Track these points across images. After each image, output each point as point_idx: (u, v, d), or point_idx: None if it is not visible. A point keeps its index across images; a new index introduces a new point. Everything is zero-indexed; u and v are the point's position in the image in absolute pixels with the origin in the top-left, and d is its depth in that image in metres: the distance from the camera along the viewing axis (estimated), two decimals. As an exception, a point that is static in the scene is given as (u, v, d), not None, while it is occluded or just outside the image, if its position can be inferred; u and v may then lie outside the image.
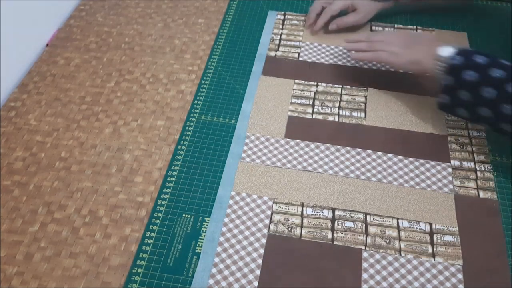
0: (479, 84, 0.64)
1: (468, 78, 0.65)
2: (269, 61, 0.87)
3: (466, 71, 0.66)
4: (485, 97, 0.64)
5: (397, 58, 0.75)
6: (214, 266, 0.60)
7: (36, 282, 0.59)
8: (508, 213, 0.66)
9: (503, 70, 0.64)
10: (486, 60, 0.66)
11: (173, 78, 0.85)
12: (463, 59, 0.67)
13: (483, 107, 0.65)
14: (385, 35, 0.80)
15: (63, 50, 0.90)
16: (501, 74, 0.63)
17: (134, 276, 0.60)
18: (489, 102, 0.64)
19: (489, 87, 0.64)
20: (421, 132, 0.75)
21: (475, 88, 0.65)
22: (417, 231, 0.64)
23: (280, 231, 0.64)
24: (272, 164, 0.71)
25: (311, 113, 0.78)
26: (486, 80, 0.64)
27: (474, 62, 0.66)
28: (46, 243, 0.63)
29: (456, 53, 0.68)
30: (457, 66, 0.67)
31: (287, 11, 0.98)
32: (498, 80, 0.63)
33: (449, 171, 0.70)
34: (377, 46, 0.78)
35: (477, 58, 0.66)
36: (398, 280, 0.59)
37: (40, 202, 0.67)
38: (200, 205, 0.67)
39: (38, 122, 0.77)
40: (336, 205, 0.66)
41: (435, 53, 0.69)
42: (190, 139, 0.75)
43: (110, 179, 0.70)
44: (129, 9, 0.99)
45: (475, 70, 0.65)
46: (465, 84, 0.66)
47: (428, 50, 0.71)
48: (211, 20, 0.96)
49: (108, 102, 0.81)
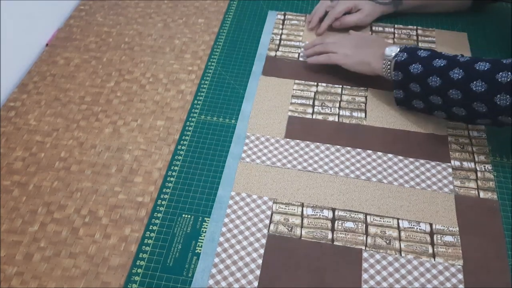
0: (425, 75, 0.69)
1: (414, 71, 0.70)
2: (269, 61, 0.87)
3: (412, 65, 0.70)
4: (431, 85, 0.69)
5: (348, 59, 0.80)
6: (214, 266, 0.60)
7: (36, 282, 0.59)
8: (508, 213, 0.66)
9: (444, 59, 0.69)
10: (428, 53, 0.71)
11: (173, 78, 0.85)
12: (407, 55, 0.72)
13: (433, 95, 0.70)
14: (339, 37, 0.84)
15: (63, 50, 0.90)
16: (442, 63, 0.68)
17: (134, 276, 0.60)
18: (436, 89, 0.69)
19: (433, 76, 0.68)
20: (421, 132, 0.75)
21: (422, 79, 0.70)
22: (417, 231, 0.64)
23: (280, 231, 0.64)
24: (272, 164, 0.71)
25: (311, 113, 0.78)
26: (430, 70, 0.69)
27: (418, 56, 0.71)
28: (46, 243, 0.63)
29: (401, 50, 0.73)
30: (403, 62, 0.72)
31: (287, 11, 0.98)
32: (441, 69, 0.68)
33: (449, 171, 0.70)
34: (330, 47, 0.83)
35: (420, 52, 0.72)
36: (398, 280, 0.59)
37: (40, 202, 0.67)
38: (200, 205, 0.67)
39: (38, 122, 0.77)
40: (336, 205, 0.66)
41: (382, 54, 0.75)
42: (190, 139, 0.75)
43: (110, 179, 0.70)
44: (129, 9, 0.99)
45: (420, 63, 0.70)
46: (413, 77, 0.71)
47: (376, 51, 0.77)
48: (211, 20, 0.96)
49: (108, 102, 0.81)
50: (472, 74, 0.65)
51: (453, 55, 0.69)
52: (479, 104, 0.65)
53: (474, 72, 0.65)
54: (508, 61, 0.64)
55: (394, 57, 0.73)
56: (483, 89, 0.64)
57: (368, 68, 0.78)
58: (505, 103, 0.63)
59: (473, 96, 0.65)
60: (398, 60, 0.72)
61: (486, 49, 0.89)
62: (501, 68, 0.63)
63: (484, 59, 0.66)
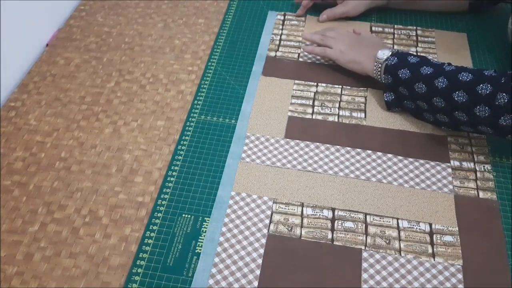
0: (412, 81, 0.71)
1: (402, 76, 0.72)
2: (269, 61, 0.87)
3: (401, 70, 0.72)
4: (417, 92, 0.71)
5: (342, 56, 0.82)
6: (214, 266, 0.60)
7: (36, 282, 0.59)
8: (508, 213, 0.66)
9: (432, 67, 0.70)
10: (418, 59, 0.73)
11: (173, 78, 0.85)
12: (397, 59, 0.74)
13: (419, 100, 0.72)
14: (340, 33, 0.85)
15: (63, 50, 0.90)
16: (429, 71, 0.70)
17: (134, 276, 0.60)
18: (421, 96, 0.71)
19: (419, 83, 0.70)
20: (420, 132, 0.75)
21: (409, 85, 0.72)
22: (417, 231, 0.64)
23: (280, 231, 0.64)
24: (272, 164, 0.71)
25: (311, 113, 0.78)
26: (417, 76, 0.71)
27: (407, 61, 0.73)
28: (46, 243, 0.63)
29: (391, 54, 0.75)
30: (392, 66, 0.74)
31: (287, 11, 0.98)
32: (427, 76, 0.70)
33: (449, 171, 0.70)
34: (328, 41, 0.84)
35: (410, 58, 0.73)
36: (398, 280, 0.59)
37: (40, 202, 0.67)
38: (200, 205, 0.67)
39: (38, 122, 0.77)
40: (336, 205, 0.67)
41: (375, 56, 0.77)
42: (190, 139, 0.75)
43: (110, 179, 0.70)
44: (129, 9, 0.99)
45: (408, 68, 0.72)
46: (401, 81, 0.73)
47: (370, 52, 0.78)
48: (211, 20, 0.96)
49: (108, 102, 0.81)
50: (455, 84, 0.67)
51: (440, 63, 0.71)
52: (460, 113, 0.67)
53: (457, 82, 0.67)
54: (490, 72, 0.66)
55: (385, 60, 0.75)
56: (464, 99, 0.66)
57: (359, 67, 0.80)
58: (484, 114, 0.65)
59: (455, 106, 0.67)
60: (388, 64, 0.74)
61: (486, 49, 0.89)
62: (483, 80, 0.65)
63: (468, 69, 0.68)
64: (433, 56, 0.87)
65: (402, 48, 0.89)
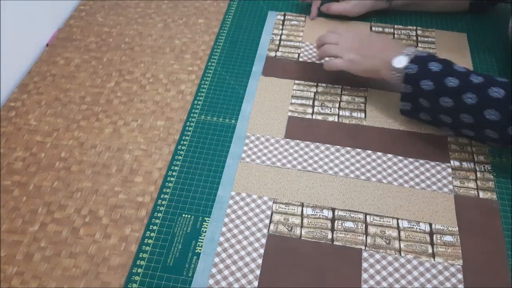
0: (436, 94, 0.66)
1: (425, 88, 0.67)
2: (269, 62, 0.87)
3: (422, 80, 0.67)
4: (442, 106, 0.66)
5: (354, 65, 0.76)
6: (214, 266, 0.60)
7: (36, 282, 0.59)
8: (508, 213, 0.66)
9: (457, 78, 0.65)
10: (440, 67, 0.67)
11: (173, 78, 0.85)
12: (417, 68, 0.68)
13: (442, 114, 0.67)
14: (340, 38, 0.78)
15: (63, 50, 0.90)
16: (455, 83, 0.65)
17: (134, 276, 0.60)
18: (447, 110, 0.66)
19: (445, 97, 0.65)
20: (420, 132, 0.75)
21: (432, 97, 0.67)
22: (417, 231, 0.64)
23: (280, 231, 0.64)
24: (272, 164, 0.71)
25: (311, 113, 0.78)
26: (442, 90, 0.65)
27: (429, 70, 0.67)
28: (46, 243, 0.63)
29: (410, 61, 0.68)
30: (413, 76, 0.68)
31: (287, 12, 0.98)
32: (453, 90, 0.65)
33: (449, 171, 0.70)
34: (333, 51, 0.78)
35: (431, 65, 0.67)
36: (398, 280, 0.59)
37: (40, 202, 0.67)
38: (200, 205, 0.67)
39: (38, 122, 0.77)
40: (336, 205, 0.67)
41: (390, 62, 0.70)
42: (190, 139, 0.75)
43: (110, 179, 0.70)
44: (129, 9, 0.99)
45: (431, 79, 0.66)
46: (423, 93, 0.67)
47: (384, 59, 0.72)
48: (211, 20, 0.96)
49: (108, 102, 0.81)
50: (485, 101, 0.63)
51: (465, 72, 0.66)
52: (490, 131, 0.64)
53: (488, 99, 0.62)
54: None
55: (404, 68, 0.69)
56: (496, 117, 0.62)
57: (376, 75, 0.74)
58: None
59: (486, 123, 0.63)
60: (408, 73, 0.68)
61: (486, 49, 0.89)
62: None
63: (497, 82, 0.63)
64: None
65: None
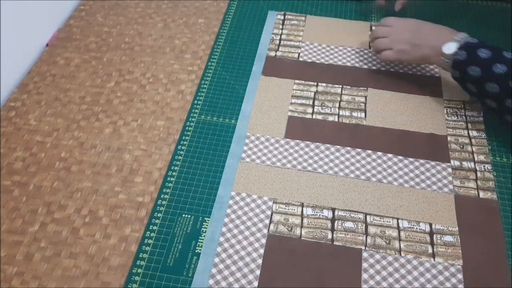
0: (483, 80, 0.68)
1: (472, 74, 0.69)
2: (269, 61, 0.87)
3: (470, 66, 0.69)
4: (488, 91, 0.68)
5: (405, 55, 0.78)
6: (214, 266, 0.60)
7: (36, 282, 0.59)
8: (508, 213, 0.66)
9: (505, 64, 0.67)
10: (489, 54, 0.69)
11: (173, 78, 0.85)
12: (466, 54, 0.70)
13: (488, 99, 0.70)
14: (391, 30, 0.80)
15: (63, 50, 0.90)
16: (503, 69, 0.67)
17: (134, 276, 0.60)
18: (493, 95, 0.68)
19: (492, 83, 0.67)
20: (421, 132, 0.75)
21: (479, 83, 0.69)
22: (417, 231, 0.64)
23: (280, 231, 0.64)
24: (272, 164, 0.71)
25: (311, 113, 0.78)
26: (489, 75, 0.67)
27: (478, 57, 0.69)
28: (46, 243, 0.63)
29: (460, 48, 0.71)
30: (461, 62, 0.70)
31: (287, 11, 0.98)
32: (500, 76, 0.66)
33: (449, 171, 0.70)
34: (384, 43, 0.80)
35: (480, 52, 0.69)
36: (398, 280, 0.59)
37: (40, 202, 0.67)
38: (200, 205, 0.67)
39: (38, 122, 0.77)
40: (336, 205, 0.66)
41: (440, 50, 0.73)
42: (190, 139, 0.75)
43: (110, 179, 0.70)
44: (129, 9, 0.99)
45: (479, 65, 0.68)
46: (470, 79, 0.70)
47: (434, 46, 0.74)
48: (211, 20, 0.96)
49: (108, 102, 0.81)
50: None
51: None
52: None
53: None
54: None
55: (453, 55, 0.71)
56: None
57: (427, 62, 0.77)
58: None
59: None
60: (456, 59, 0.71)
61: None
62: None
63: None
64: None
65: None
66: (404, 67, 0.85)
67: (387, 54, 0.80)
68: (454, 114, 0.78)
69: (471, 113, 0.78)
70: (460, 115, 0.78)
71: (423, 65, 0.85)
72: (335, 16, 0.96)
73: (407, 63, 0.83)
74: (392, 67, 0.85)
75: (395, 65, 0.85)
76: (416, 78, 0.83)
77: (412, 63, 0.82)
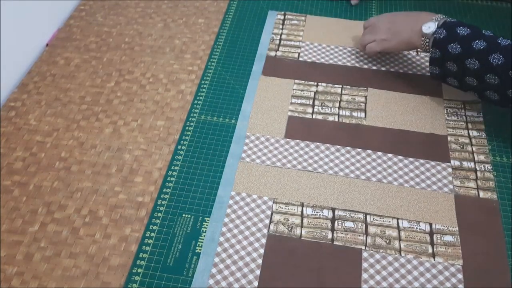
0: (463, 57, 0.68)
1: (453, 51, 0.69)
2: (269, 61, 0.87)
3: (450, 44, 0.69)
4: (469, 67, 0.68)
5: (387, 43, 0.79)
6: (214, 266, 0.60)
7: (36, 282, 0.59)
8: (508, 213, 0.66)
9: (485, 41, 0.67)
10: (468, 31, 0.69)
11: (173, 78, 0.85)
12: (445, 32, 0.70)
13: (469, 76, 0.69)
14: (373, 25, 0.82)
15: (63, 50, 0.90)
16: (482, 45, 0.67)
17: (134, 276, 0.60)
18: (473, 72, 0.68)
19: (472, 59, 0.67)
20: (421, 132, 0.75)
21: (460, 60, 0.69)
22: (417, 231, 0.64)
23: (280, 231, 0.64)
24: (272, 164, 0.71)
25: (311, 113, 0.78)
26: (469, 52, 0.68)
27: (457, 34, 0.69)
28: (46, 243, 0.63)
29: (439, 26, 0.71)
30: (441, 40, 0.70)
31: (287, 11, 0.98)
32: (480, 52, 0.67)
33: (449, 171, 0.70)
34: (368, 37, 0.82)
35: (460, 30, 0.70)
36: (398, 280, 0.59)
37: (40, 202, 0.67)
38: (200, 205, 0.67)
39: (38, 122, 0.77)
40: (336, 205, 0.66)
41: (420, 31, 0.73)
42: (190, 139, 0.75)
43: (110, 179, 0.70)
44: (129, 9, 0.99)
45: (459, 42, 0.69)
46: (450, 57, 0.70)
47: (413, 28, 0.75)
48: (211, 20, 0.96)
49: (108, 102, 0.81)
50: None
51: (494, 36, 0.68)
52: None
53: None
54: None
55: (432, 34, 0.72)
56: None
57: (409, 46, 0.78)
58: None
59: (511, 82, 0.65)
60: (436, 38, 0.71)
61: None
62: None
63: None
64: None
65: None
66: (404, 67, 0.85)
67: (371, 46, 0.81)
68: (454, 114, 0.78)
69: (471, 113, 0.78)
70: (460, 115, 0.78)
71: (423, 65, 0.85)
72: (335, 16, 0.96)
73: (392, 51, 0.83)
74: (392, 67, 0.85)
75: (395, 65, 0.85)
76: (416, 78, 0.83)
77: (397, 51, 0.83)
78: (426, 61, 0.86)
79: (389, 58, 0.87)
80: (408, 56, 0.87)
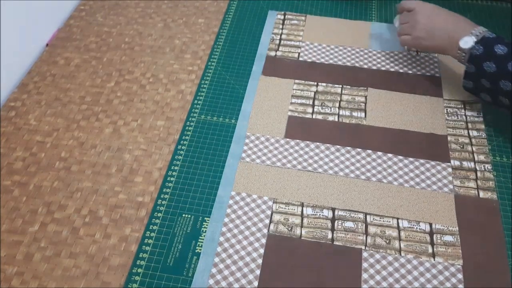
0: (497, 76, 0.68)
1: (488, 70, 0.69)
2: (269, 61, 0.87)
3: (486, 62, 0.69)
4: (502, 88, 0.68)
5: (421, 43, 0.78)
6: (214, 266, 0.60)
7: (36, 282, 0.59)
8: (508, 213, 0.66)
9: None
10: (506, 50, 0.68)
11: (173, 78, 0.85)
12: (482, 49, 0.69)
13: (501, 96, 0.69)
14: (411, 16, 0.80)
15: (63, 50, 0.90)
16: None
17: (134, 276, 0.60)
18: (505, 93, 0.68)
19: (506, 80, 0.67)
20: (421, 132, 0.75)
21: (493, 79, 0.69)
22: (417, 231, 0.64)
23: (280, 231, 0.64)
24: (272, 164, 0.71)
25: (311, 113, 0.78)
26: (504, 73, 0.67)
27: (494, 53, 0.68)
28: (46, 243, 0.63)
29: (477, 42, 0.70)
30: (477, 56, 0.70)
31: (287, 11, 0.98)
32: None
33: (449, 171, 0.70)
34: (404, 30, 0.81)
35: (497, 48, 0.69)
36: (398, 280, 0.59)
37: (40, 202, 0.67)
38: (200, 205, 0.67)
39: (38, 122, 0.77)
40: (336, 205, 0.66)
41: (457, 43, 0.72)
42: (190, 139, 0.75)
43: (110, 179, 0.70)
44: (129, 9, 0.99)
45: (494, 61, 0.68)
46: (484, 74, 0.69)
47: (450, 37, 0.74)
48: (211, 20, 0.96)
49: (108, 102, 0.81)
50: None
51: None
52: None
53: None
54: None
55: (470, 49, 0.71)
56: None
57: (443, 53, 0.77)
58: None
59: None
60: (473, 54, 0.70)
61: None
62: None
63: None
64: (433, 56, 0.87)
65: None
66: (404, 67, 0.85)
67: (405, 39, 0.81)
68: (454, 114, 0.78)
69: (471, 113, 0.78)
70: (460, 115, 0.78)
71: (423, 65, 0.85)
72: (335, 16, 0.96)
73: (425, 50, 0.84)
74: (392, 67, 0.85)
75: (395, 65, 0.85)
76: (416, 78, 0.83)
77: (429, 51, 0.84)
78: (426, 61, 0.86)
79: (389, 58, 0.87)
80: (408, 56, 0.87)
